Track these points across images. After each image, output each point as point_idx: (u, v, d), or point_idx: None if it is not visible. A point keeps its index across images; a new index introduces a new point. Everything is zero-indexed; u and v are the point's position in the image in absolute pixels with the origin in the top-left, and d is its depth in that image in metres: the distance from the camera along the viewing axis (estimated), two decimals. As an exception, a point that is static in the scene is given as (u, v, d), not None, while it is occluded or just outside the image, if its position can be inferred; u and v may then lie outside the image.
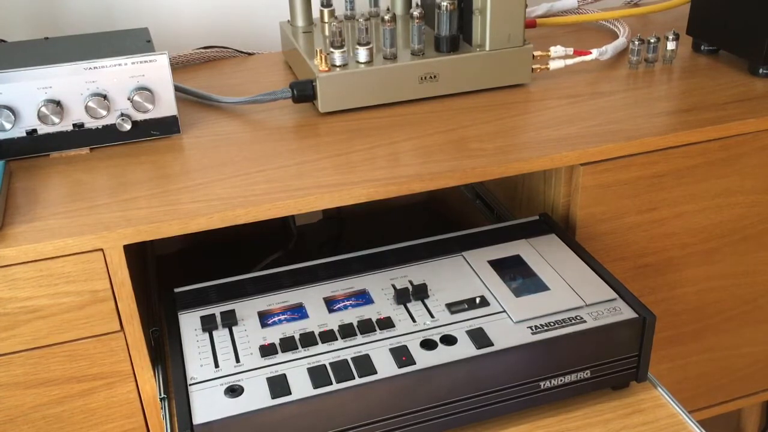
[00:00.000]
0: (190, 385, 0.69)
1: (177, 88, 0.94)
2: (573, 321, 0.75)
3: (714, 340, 1.10)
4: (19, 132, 0.85)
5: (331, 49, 0.94)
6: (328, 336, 0.74)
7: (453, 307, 0.77)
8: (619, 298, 0.78)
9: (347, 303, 0.79)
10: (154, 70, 0.86)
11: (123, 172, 0.84)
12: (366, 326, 0.75)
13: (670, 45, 1.08)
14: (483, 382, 0.72)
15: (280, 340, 0.74)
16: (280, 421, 0.67)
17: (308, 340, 0.73)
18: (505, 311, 0.76)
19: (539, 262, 0.83)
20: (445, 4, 0.96)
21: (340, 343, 0.73)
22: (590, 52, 1.05)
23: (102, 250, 0.73)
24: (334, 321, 0.76)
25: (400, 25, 1.07)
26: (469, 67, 0.98)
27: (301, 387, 0.68)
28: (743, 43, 1.05)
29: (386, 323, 0.75)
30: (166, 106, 0.89)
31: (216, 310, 0.79)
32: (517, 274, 0.82)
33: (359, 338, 0.74)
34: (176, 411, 0.67)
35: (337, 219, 1.18)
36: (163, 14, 1.17)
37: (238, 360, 0.72)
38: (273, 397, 0.67)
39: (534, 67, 1.02)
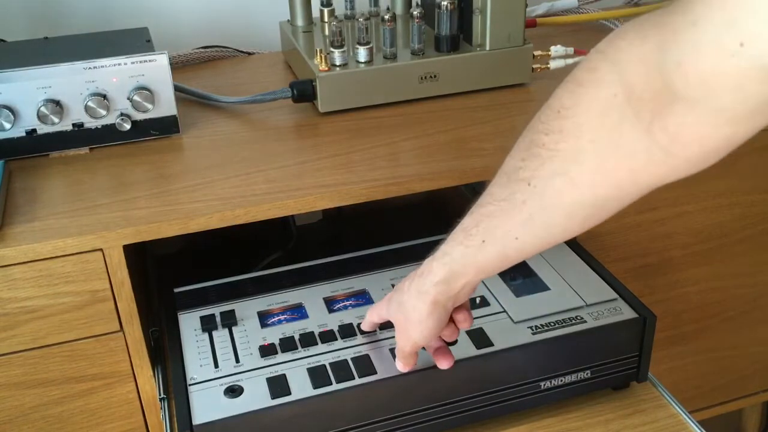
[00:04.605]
0: (189, 385, 0.69)
1: (177, 88, 0.94)
2: (573, 321, 0.75)
3: (714, 340, 1.10)
4: (19, 132, 0.85)
5: (331, 49, 0.94)
6: (328, 336, 0.74)
7: (453, 307, 0.77)
8: (620, 298, 0.78)
9: (347, 303, 0.79)
10: (154, 70, 0.86)
11: (123, 172, 0.83)
12: (366, 326, 0.75)
13: (671, 45, 1.08)
14: (483, 382, 0.72)
15: (280, 340, 0.74)
16: (280, 422, 0.67)
17: (308, 340, 0.73)
18: (505, 311, 0.76)
19: (539, 261, 0.83)
20: (445, 3, 0.96)
21: (340, 343, 0.73)
22: (590, 52, 1.05)
23: (102, 250, 0.73)
24: (334, 321, 0.76)
25: (400, 25, 1.07)
26: (469, 67, 0.98)
27: (301, 387, 0.68)
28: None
29: (386, 323, 0.75)
30: (165, 105, 0.88)
31: (216, 310, 0.79)
32: (518, 274, 0.82)
33: (359, 338, 0.74)
34: (176, 411, 0.67)
35: (337, 219, 1.18)
36: (163, 14, 1.17)
37: (237, 360, 0.72)
38: (273, 398, 0.67)
39: (534, 66, 1.01)
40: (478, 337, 0.72)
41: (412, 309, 0.63)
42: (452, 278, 0.60)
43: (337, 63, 0.94)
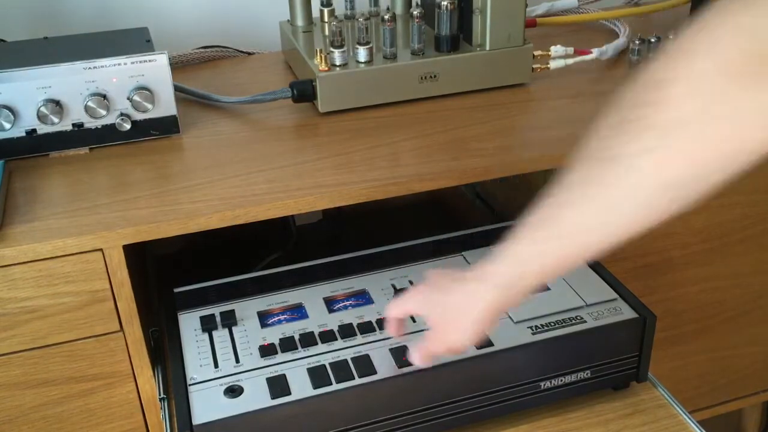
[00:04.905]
0: (189, 385, 0.69)
1: (177, 88, 0.94)
2: (573, 321, 0.75)
3: (714, 340, 1.10)
4: (19, 132, 0.85)
5: (331, 49, 0.94)
6: (327, 336, 0.74)
7: (453, 307, 0.77)
8: (620, 298, 0.78)
9: (347, 303, 0.79)
10: (154, 70, 0.86)
11: (123, 172, 0.83)
12: (366, 326, 0.75)
13: (671, 45, 1.08)
14: (483, 382, 0.72)
15: (280, 340, 0.74)
16: (280, 422, 0.67)
17: (308, 340, 0.73)
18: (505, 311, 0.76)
19: (539, 262, 0.83)
20: (445, 3, 0.96)
21: (339, 343, 0.73)
22: (591, 52, 1.05)
23: (102, 250, 0.73)
24: (334, 321, 0.76)
25: (400, 25, 1.07)
26: (469, 67, 0.98)
27: (301, 387, 0.68)
28: (744, 42, 1.04)
29: (388, 322, 0.75)
30: (165, 105, 0.88)
31: (216, 310, 0.79)
32: (518, 274, 0.81)
33: (359, 338, 0.74)
34: (176, 411, 0.67)
35: (337, 219, 1.18)
36: (163, 14, 1.17)
37: (237, 360, 0.72)
38: (273, 398, 0.67)
39: (534, 66, 1.01)
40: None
41: (460, 312, 0.59)
42: (511, 284, 0.57)
43: (337, 63, 0.94)
